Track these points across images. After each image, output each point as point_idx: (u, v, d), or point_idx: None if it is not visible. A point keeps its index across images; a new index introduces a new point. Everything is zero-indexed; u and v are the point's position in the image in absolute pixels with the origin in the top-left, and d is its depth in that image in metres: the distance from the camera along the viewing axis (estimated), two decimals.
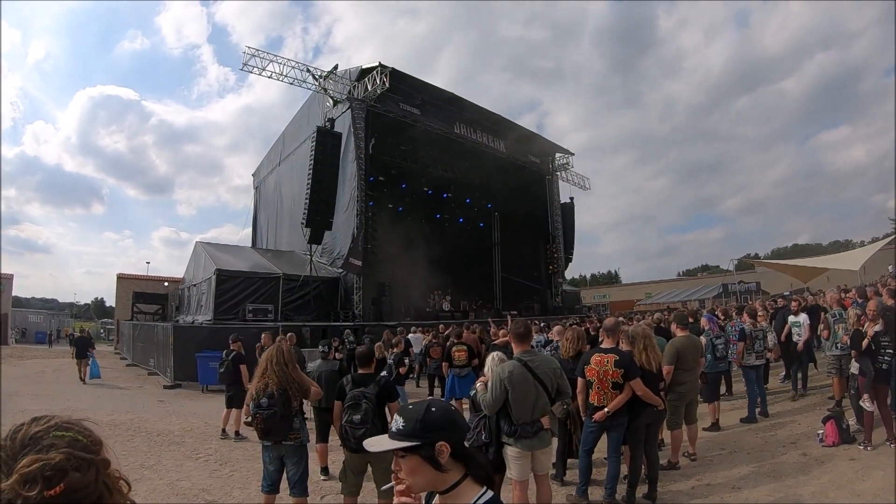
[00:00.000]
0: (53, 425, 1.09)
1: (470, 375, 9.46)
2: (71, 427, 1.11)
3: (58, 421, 1.11)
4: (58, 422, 1.11)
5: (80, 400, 13.01)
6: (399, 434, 1.55)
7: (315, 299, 21.20)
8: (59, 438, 1.07)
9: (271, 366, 4.76)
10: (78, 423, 1.15)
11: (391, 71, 20.71)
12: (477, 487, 1.56)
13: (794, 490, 5.47)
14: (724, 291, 37.69)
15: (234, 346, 9.48)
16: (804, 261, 26.35)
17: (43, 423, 1.10)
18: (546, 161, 32.15)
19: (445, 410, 1.62)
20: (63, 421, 1.12)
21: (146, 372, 18.97)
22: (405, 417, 1.58)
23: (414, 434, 1.53)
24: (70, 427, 1.11)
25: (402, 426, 1.56)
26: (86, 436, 1.12)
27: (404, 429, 1.55)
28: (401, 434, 1.55)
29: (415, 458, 1.54)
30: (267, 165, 31.65)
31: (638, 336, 5.74)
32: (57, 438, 1.07)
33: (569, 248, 33.15)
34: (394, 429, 1.57)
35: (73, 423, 1.14)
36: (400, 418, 1.58)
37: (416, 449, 1.53)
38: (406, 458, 1.55)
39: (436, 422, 1.54)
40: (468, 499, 1.53)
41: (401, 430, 1.55)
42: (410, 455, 1.54)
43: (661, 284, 57.22)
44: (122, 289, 35.56)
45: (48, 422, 1.10)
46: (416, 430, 1.54)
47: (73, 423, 1.13)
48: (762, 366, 8.96)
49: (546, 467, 4.87)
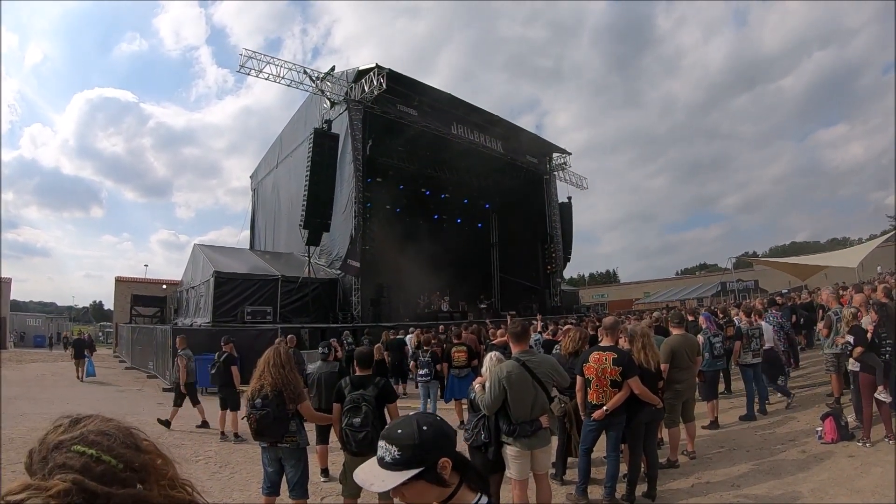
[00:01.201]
0: (79, 436, 0.87)
1: (469, 376, 9.46)
2: (99, 443, 0.87)
3: (91, 429, 0.89)
4: (87, 431, 0.88)
5: (79, 403, 12.98)
6: (398, 464, 1.44)
7: (313, 301, 21.14)
8: (77, 456, 0.84)
9: (268, 367, 4.77)
10: (117, 434, 0.90)
11: (388, 72, 20.68)
12: (472, 494, 1.52)
13: (794, 487, 5.48)
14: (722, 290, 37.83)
15: (226, 347, 9.52)
16: (802, 259, 26.40)
17: (79, 427, 0.89)
18: (544, 161, 32.15)
19: (436, 425, 1.50)
20: (97, 431, 0.89)
21: (145, 375, 18.97)
22: (398, 445, 1.45)
23: (415, 460, 1.43)
24: (98, 442, 0.87)
25: (398, 455, 1.44)
26: (118, 456, 0.87)
27: (402, 458, 1.43)
28: (400, 464, 1.43)
29: (420, 483, 1.44)
30: (265, 167, 31.61)
31: (637, 335, 5.77)
32: (74, 456, 0.84)
33: (567, 247, 33.15)
34: (388, 459, 1.45)
35: (110, 434, 0.90)
36: (392, 447, 1.45)
37: (420, 475, 1.43)
38: (409, 484, 1.43)
39: (431, 440, 1.44)
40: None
41: (398, 461, 1.44)
42: (414, 482, 1.43)
43: (659, 283, 57.39)
44: (121, 292, 35.54)
45: (85, 426, 0.89)
46: (416, 455, 1.43)
47: (107, 436, 0.89)
48: (759, 364, 8.98)
49: (545, 466, 4.88)
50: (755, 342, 8.91)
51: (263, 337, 14.62)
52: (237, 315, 18.90)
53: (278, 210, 28.45)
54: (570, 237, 33.45)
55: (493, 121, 27.41)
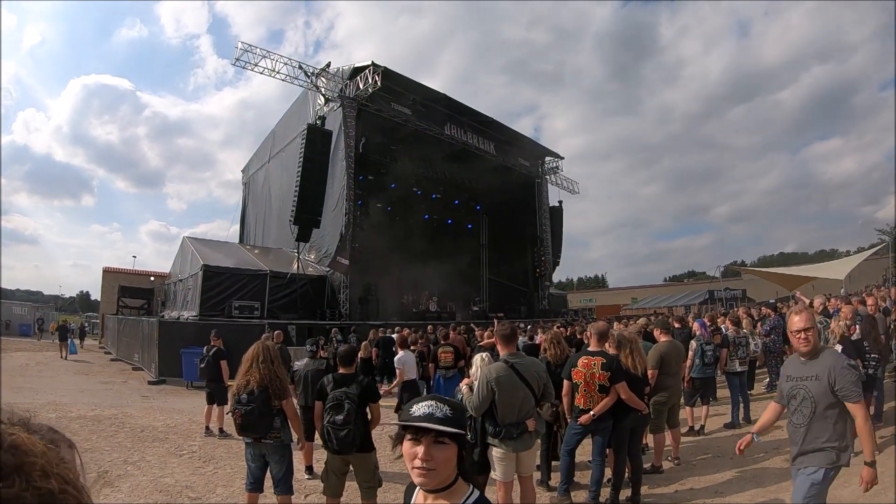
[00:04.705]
0: None
1: (456, 377, 9.46)
2: None
3: None
4: None
5: (63, 394, 12.87)
6: (449, 421, 1.48)
7: (302, 297, 21.12)
8: None
9: (256, 363, 4.77)
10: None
11: (384, 70, 20.69)
12: (465, 486, 1.56)
13: (777, 495, 5.51)
14: (710, 298, 38.05)
15: (214, 341, 9.45)
16: (790, 269, 26.63)
17: None
18: (536, 164, 32.27)
19: None
20: None
21: (131, 367, 18.83)
22: (451, 406, 1.53)
23: (459, 423, 1.51)
24: None
25: (450, 413, 1.50)
26: None
27: (453, 416, 1.50)
28: (451, 421, 1.48)
29: (453, 448, 1.50)
30: (257, 161, 31.50)
31: (625, 340, 5.78)
32: None
33: (556, 251, 33.30)
34: (440, 415, 1.48)
35: None
36: (445, 406, 1.52)
37: (459, 439, 1.51)
38: (447, 446, 1.49)
39: (465, 414, 1.51)
40: (459, 498, 1.53)
41: (449, 417, 1.49)
42: (451, 444, 1.50)
43: (647, 290, 57.54)
44: (108, 282, 35.18)
45: None
46: (461, 419, 1.53)
47: None
48: (745, 372, 9.03)
49: (530, 469, 4.89)
50: (742, 350, 8.97)
51: (251, 332, 14.55)
52: (224, 309, 18.83)
53: (269, 205, 28.38)
54: (559, 241, 33.60)
55: (487, 122, 27.47)
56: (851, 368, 3.34)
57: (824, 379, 3.29)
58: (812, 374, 3.38)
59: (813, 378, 3.37)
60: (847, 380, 3.24)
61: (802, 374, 3.44)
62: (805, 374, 3.43)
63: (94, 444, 8.10)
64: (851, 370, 3.32)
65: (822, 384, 3.30)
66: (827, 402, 3.29)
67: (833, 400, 3.28)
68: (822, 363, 3.36)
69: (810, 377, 3.38)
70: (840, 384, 3.24)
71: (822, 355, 3.43)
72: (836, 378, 3.25)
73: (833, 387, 3.25)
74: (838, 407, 3.29)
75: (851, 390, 3.24)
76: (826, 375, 3.29)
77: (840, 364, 3.32)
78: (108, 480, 6.42)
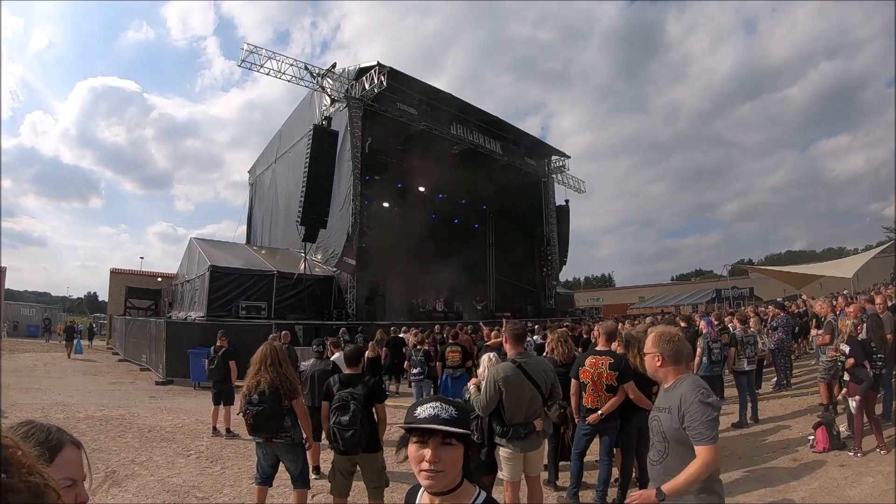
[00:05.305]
0: None
1: (464, 376, 9.45)
2: None
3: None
4: None
5: (71, 394, 12.95)
6: (454, 422, 1.47)
7: (308, 297, 21.14)
8: None
9: (265, 365, 4.80)
10: None
11: (389, 70, 20.72)
12: (472, 488, 1.55)
13: (785, 495, 5.49)
14: (717, 296, 37.91)
15: (222, 342, 9.48)
16: (798, 267, 26.48)
17: None
18: (542, 163, 32.22)
19: None
20: None
21: (138, 368, 18.91)
22: (456, 406, 1.52)
23: (465, 424, 1.50)
24: None
25: (455, 414, 1.49)
26: None
27: (458, 416, 1.49)
28: (456, 422, 1.48)
29: (460, 449, 1.49)
30: (263, 162, 31.54)
31: (633, 339, 5.76)
32: None
33: (563, 250, 33.22)
34: (445, 416, 1.48)
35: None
36: (450, 407, 1.51)
37: (466, 441, 1.50)
38: (454, 447, 1.48)
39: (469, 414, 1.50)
40: (466, 499, 1.53)
41: (455, 418, 1.48)
42: (458, 445, 1.49)
43: (654, 288, 57.32)
44: (115, 284, 35.32)
45: None
46: (466, 420, 1.52)
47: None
48: (753, 371, 8.99)
49: (537, 469, 4.87)
50: (750, 349, 8.92)
51: (258, 332, 14.57)
52: (232, 310, 18.88)
53: (275, 205, 28.40)
54: (566, 240, 33.52)
55: (493, 122, 27.43)
56: (706, 406, 2.74)
57: (675, 412, 2.81)
58: (666, 406, 2.91)
59: (666, 410, 2.90)
60: (697, 418, 2.71)
61: (660, 405, 3.02)
62: (661, 404, 3.00)
63: (102, 444, 8.14)
64: (705, 407, 2.73)
65: (673, 418, 2.82)
66: (678, 437, 2.81)
67: (685, 436, 2.76)
68: (677, 393, 2.88)
69: (664, 409, 2.93)
70: (689, 421, 2.73)
71: (680, 383, 2.92)
72: (686, 413, 2.75)
73: (682, 423, 2.77)
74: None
75: (702, 432, 2.69)
76: (677, 408, 2.81)
77: (693, 398, 2.77)
78: (115, 480, 6.45)
